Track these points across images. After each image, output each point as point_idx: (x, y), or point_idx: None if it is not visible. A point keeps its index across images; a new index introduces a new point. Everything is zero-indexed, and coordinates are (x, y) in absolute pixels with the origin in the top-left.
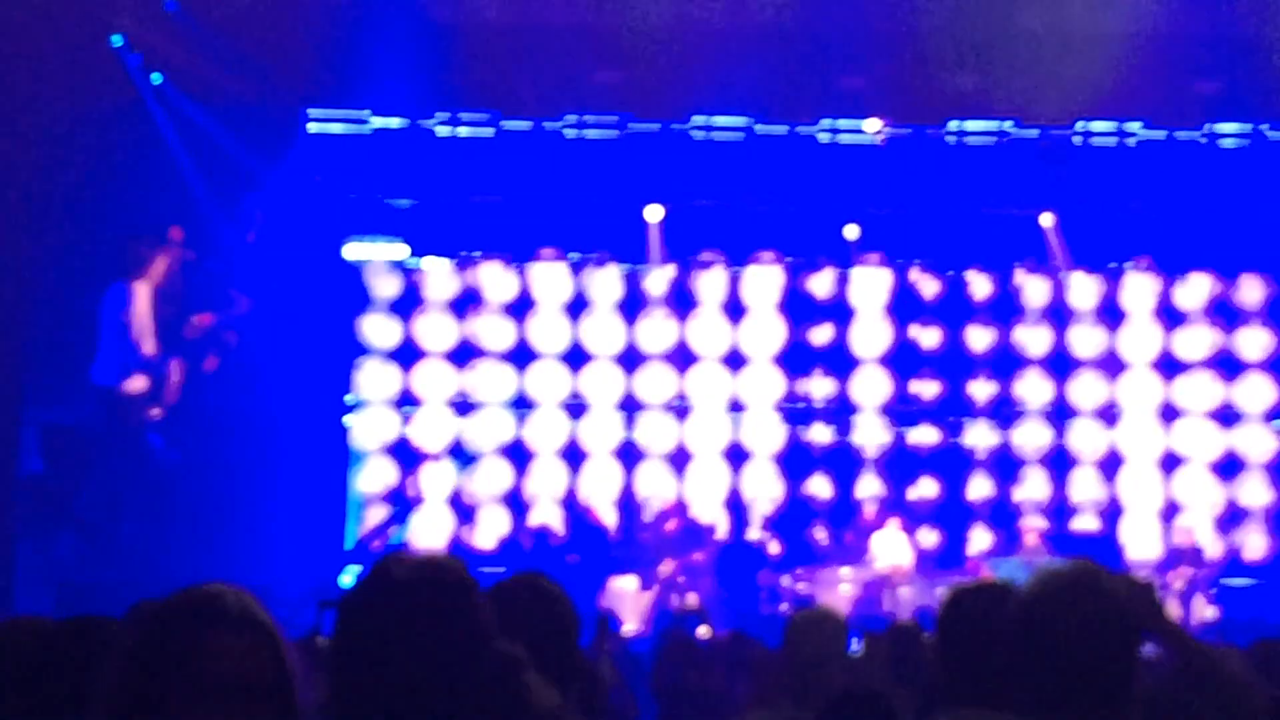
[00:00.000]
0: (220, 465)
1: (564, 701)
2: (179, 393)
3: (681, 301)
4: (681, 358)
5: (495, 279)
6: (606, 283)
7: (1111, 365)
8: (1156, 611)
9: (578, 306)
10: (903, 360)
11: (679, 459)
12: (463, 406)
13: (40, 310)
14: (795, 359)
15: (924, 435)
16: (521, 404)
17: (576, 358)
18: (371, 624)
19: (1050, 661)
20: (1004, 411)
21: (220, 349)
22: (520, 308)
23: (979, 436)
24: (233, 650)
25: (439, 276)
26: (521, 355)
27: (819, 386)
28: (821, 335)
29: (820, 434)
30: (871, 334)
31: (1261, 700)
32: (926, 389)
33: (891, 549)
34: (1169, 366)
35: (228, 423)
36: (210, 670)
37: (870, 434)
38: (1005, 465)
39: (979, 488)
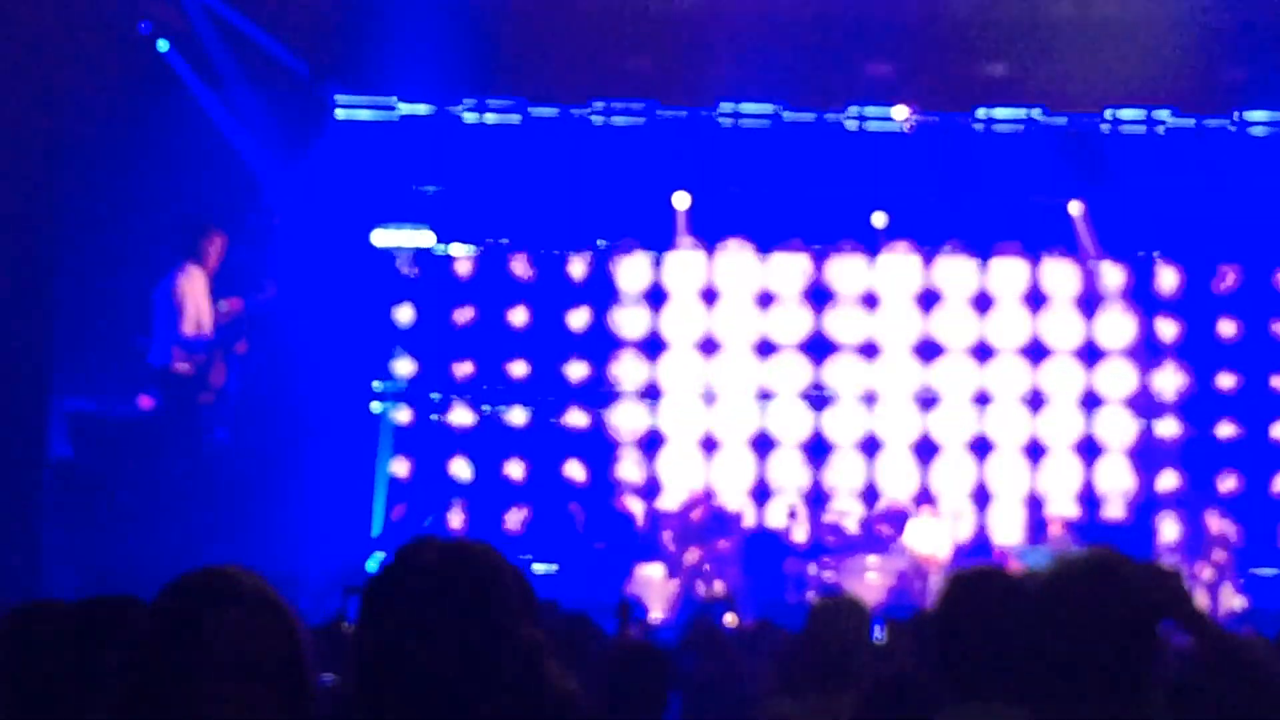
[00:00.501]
0: (249, 451)
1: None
2: (224, 377)
3: (709, 288)
4: (708, 345)
5: (522, 267)
6: (633, 270)
7: (1139, 354)
8: (1181, 599)
9: (604, 294)
10: (930, 348)
11: (706, 446)
12: (492, 394)
13: (68, 296)
14: (821, 346)
15: (950, 422)
16: (548, 391)
17: (604, 345)
18: (396, 609)
19: (1065, 650)
20: (1032, 399)
21: (249, 334)
22: (547, 295)
23: (1006, 424)
24: (245, 630)
25: (466, 263)
26: (550, 342)
27: (845, 374)
28: (848, 324)
29: (848, 421)
30: (899, 321)
31: None
32: (953, 376)
33: (925, 537)
34: (1199, 356)
35: (257, 408)
36: (222, 649)
37: (897, 422)
38: (1032, 453)
39: (1007, 476)
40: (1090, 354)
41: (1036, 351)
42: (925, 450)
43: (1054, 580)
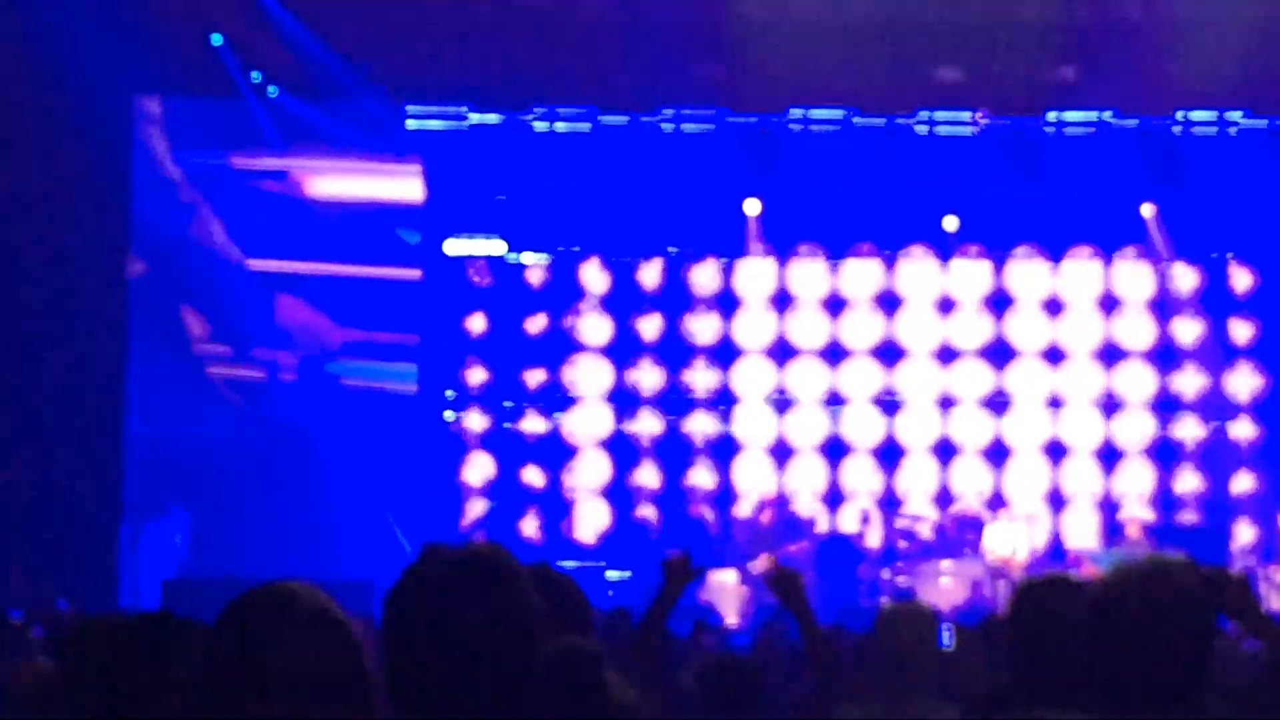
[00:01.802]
0: (326, 459)
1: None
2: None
3: (780, 295)
4: (780, 351)
5: (594, 275)
6: (705, 276)
7: (1211, 356)
8: (1246, 603)
9: (676, 301)
10: (1002, 352)
11: (779, 452)
12: (564, 401)
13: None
14: (892, 352)
15: (1023, 426)
16: (620, 398)
17: (676, 352)
18: (410, 616)
19: (1122, 656)
20: (1105, 403)
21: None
22: (620, 302)
23: (1080, 428)
24: (307, 646)
25: (538, 271)
26: (622, 350)
27: (914, 379)
28: (921, 328)
29: (921, 426)
30: (971, 326)
31: None
32: (1027, 380)
33: (1003, 542)
34: (1271, 357)
35: (335, 416)
36: (284, 666)
37: (971, 426)
38: (1106, 457)
39: (1081, 480)
40: (1164, 357)
41: (1110, 354)
42: (998, 454)
43: (1111, 587)
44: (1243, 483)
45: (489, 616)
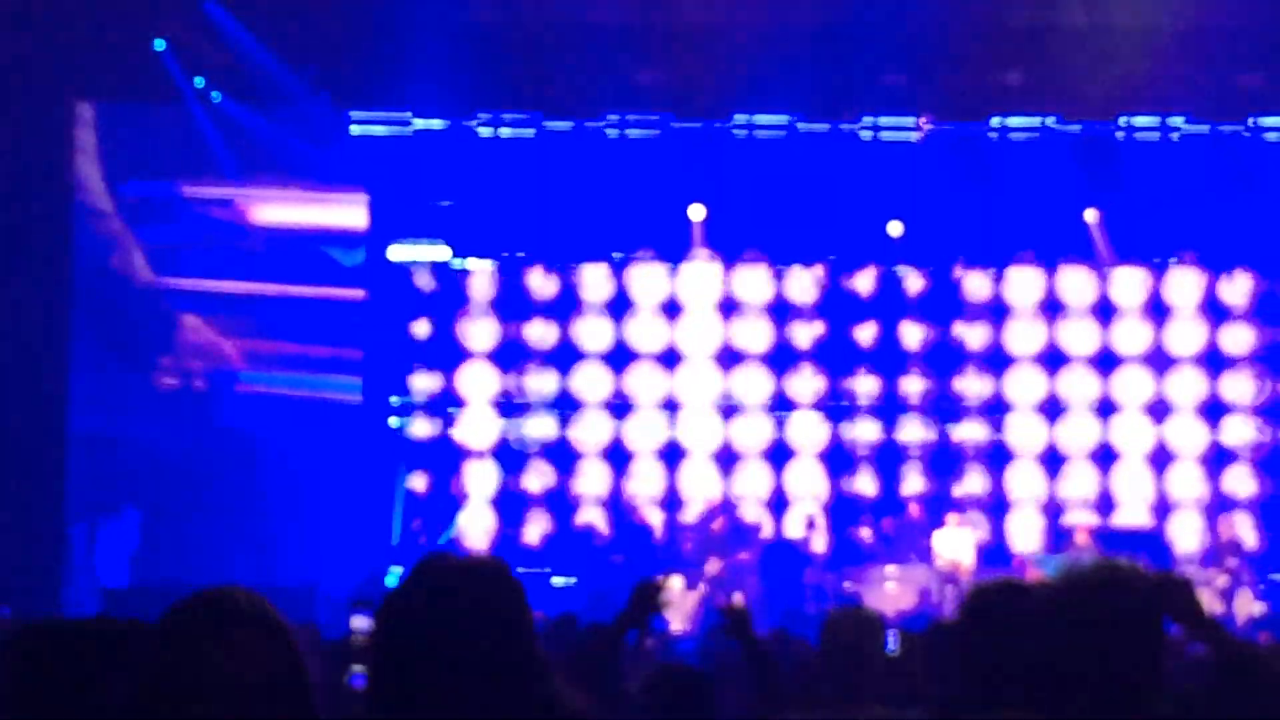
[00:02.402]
0: (267, 464)
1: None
2: None
3: (726, 300)
4: (725, 357)
5: (538, 280)
6: (649, 282)
7: (1157, 361)
8: (1191, 607)
9: (620, 306)
10: (946, 357)
11: (723, 458)
12: (507, 407)
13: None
14: (839, 357)
15: (968, 432)
16: (565, 404)
17: (620, 357)
18: (411, 625)
19: (1072, 659)
20: (1050, 407)
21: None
22: (563, 308)
23: (1023, 433)
24: (245, 650)
25: (482, 277)
26: (565, 356)
27: (863, 385)
28: (865, 334)
29: (865, 432)
30: (915, 331)
31: None
32: (971, 386)
33: (952, 546)
34: (1214, 362)
35: (275, 421)
36: (224, 670)
37: (914, 431)
38: (1051, 461)
39: (1024, 484)
40: (1107, 361)
41: (1054, 359)
42: (945, 460)
43: (1061, 590)
44: (1187, 486)
45: (488, 627)
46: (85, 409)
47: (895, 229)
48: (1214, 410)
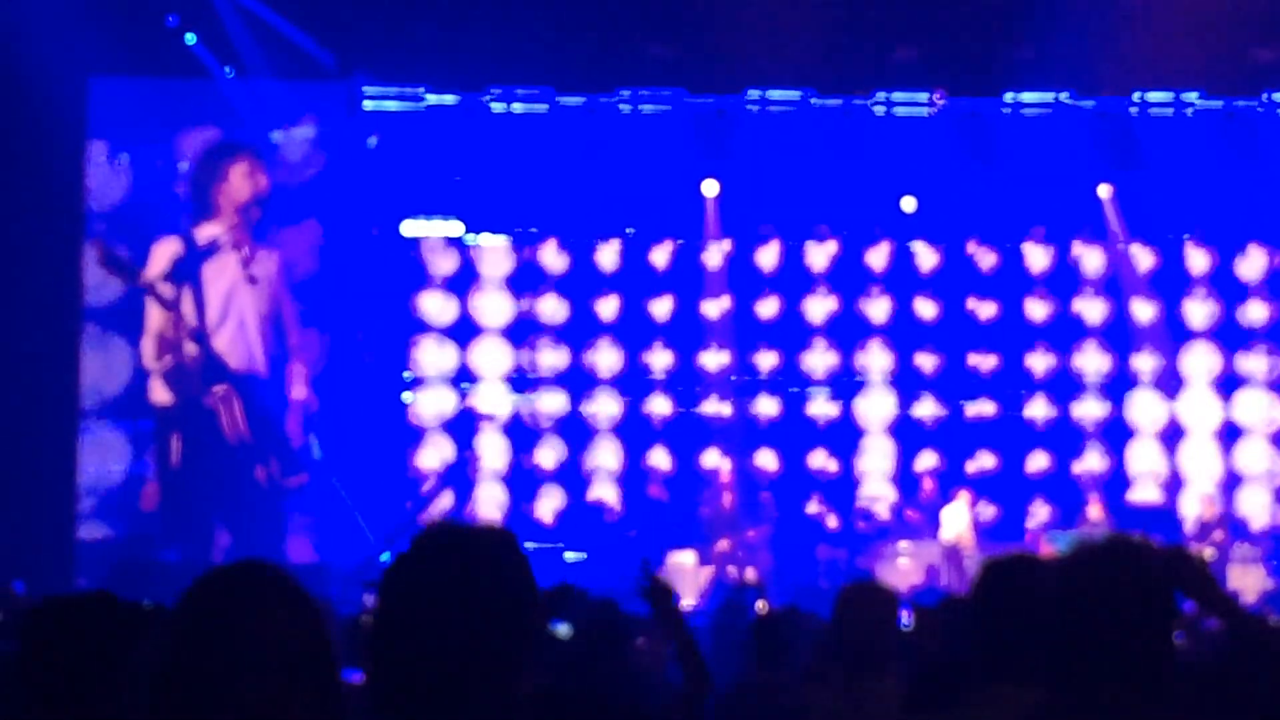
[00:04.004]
0: (279, 441)
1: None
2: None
3: (739, 276)
4: (741, 331)
5: (551, 256)
6: (663, 257)
7: (1171, 336)
8: (1203, 582)
9: (634, 281)
10: (960, 332)
11: (738, 434)
12: (519, 382)
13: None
14: (851, 332)
15: (983, 408)
16: (578, 379)
17: (635, 333)
18: (411, 597)
19: (1082, 634)
20: (1063, 384)
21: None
22: (576, 283)
23: (1037, 409)
24: (272, 623)
25: (495, 253)
26: (580, 331)
27: (875, 360)
28: (878, 307)
29: (879, 407)
30: (929, 306)
31: None
32: (984, 362)
33: (958, 522)
34: (1228, 338)
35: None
36: (249, 643)
37: (928, 408)
38: (1065, 438)
39: (1039, 461)
40: (1120, 337)
41: (1067, 335)
42: (958, 436)
43: (1071, 565)
44: (1200, 462)
45: (491, 596)
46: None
47: (909, 205)
48: (1228, 386)
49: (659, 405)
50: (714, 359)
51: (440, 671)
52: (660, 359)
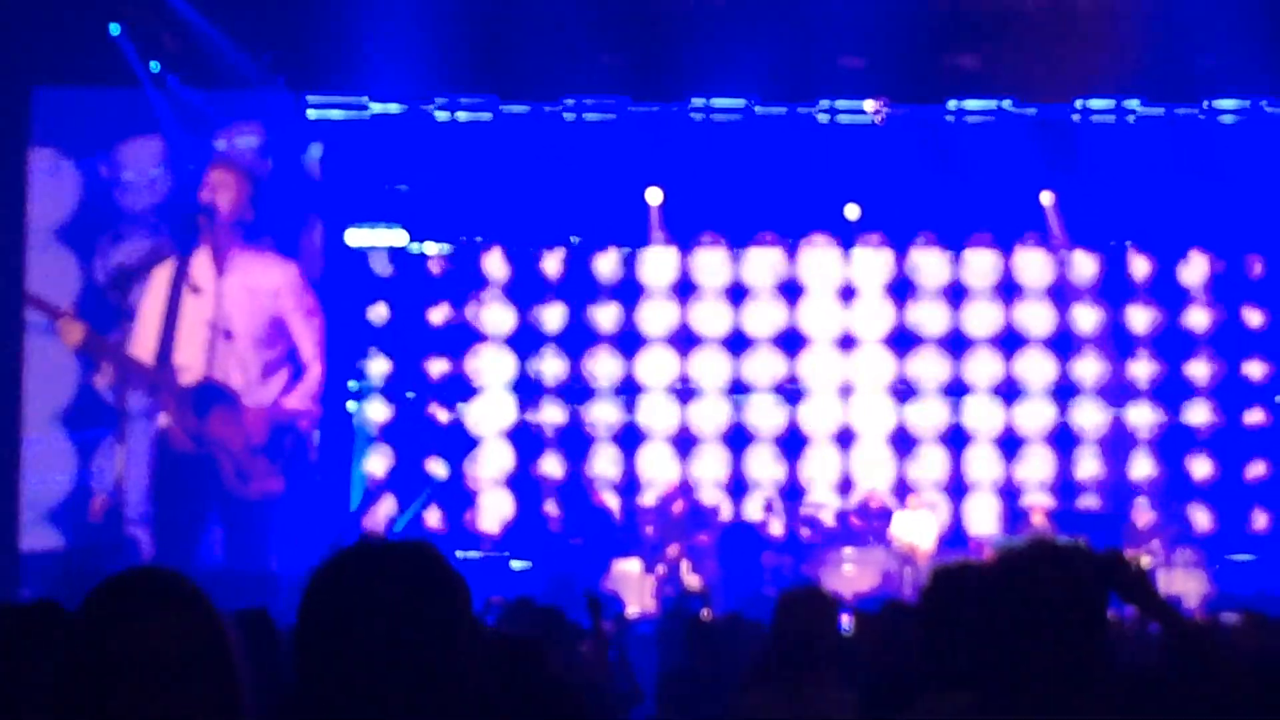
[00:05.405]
0: (232, 452)
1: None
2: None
3: (682, 284)
4: (683, 340)
5: (496, 264)
6: (608, 266)
7: (1114, 343)
8: (1140, 587)
9: (578, 290)
10: (904, 339)
11: (682, 441)
12: (466, 391)
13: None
14: (795, 340)
15: (926, 414)
16: (524, 388)
17: (578, 341)
18: (329, 610)
19: (1007, 637)
20: (1007, 390)
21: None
22: (522, 292)
23: (981, 415)
24: (173, 631)
25: (440, 261)
26: (524, 339)
27: (816, 367)
28: (823, 317)
29: (823, 414)
30: (873, 314)
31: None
32: (928, 368)
33: (911, 529)
34: (1170, 345)
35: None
36: (150, 651)
37: (873, 413)
38: (1009, 443)
39: (983, 466)
40: (1063, 344)
41: (1010, 342)
42: (901, 442)
43: (996, 570)
44: (1143, 468)
45: (415, 612)
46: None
47: (852, 212)
48: (1169, 392)
49: (604, 413)
50: (657, 366)
51: (364, 683)
52: (606, 367)
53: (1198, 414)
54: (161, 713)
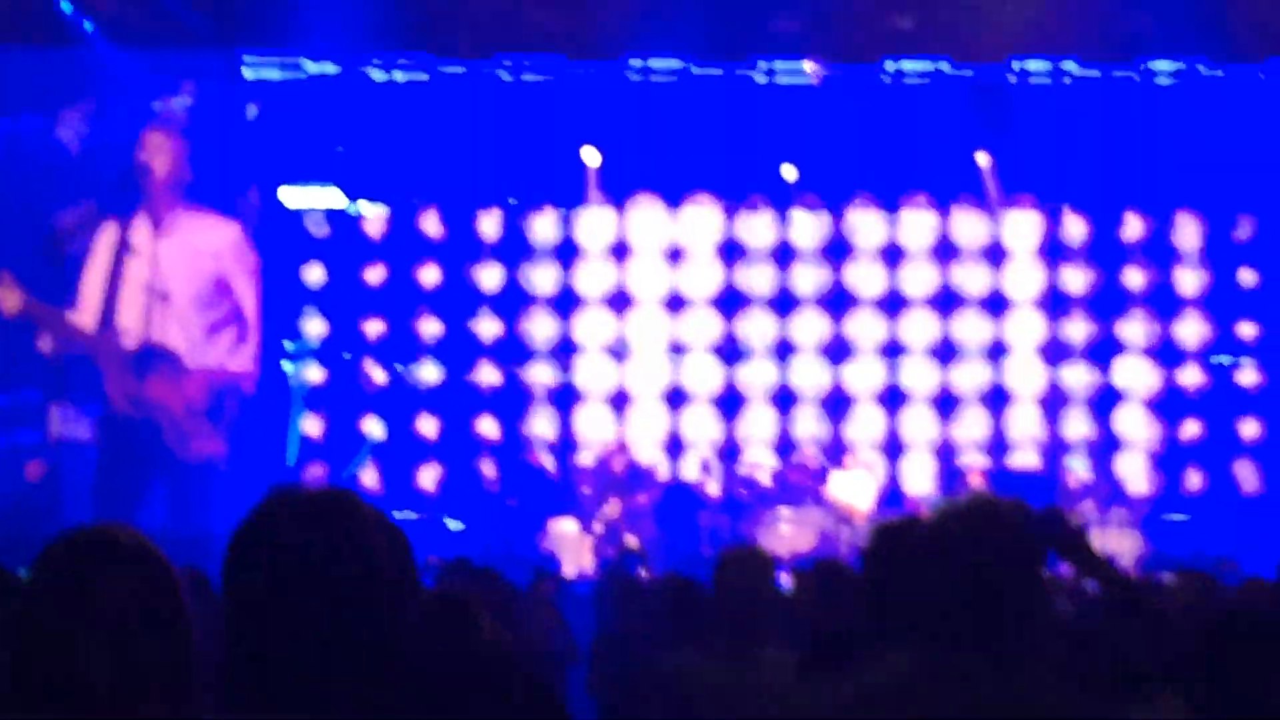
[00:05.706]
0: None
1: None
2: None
3: (619, 245)
4: (620, 300)
5: (432, 225)
6: (544, 226)
7: (1050, 303)
8: (1076, 545)
9: (515, 250)
10: (840, 300)
11: (618, 401)
12: (402, 352)
13: None
14: (733, 300)
15: (862, 374)
16: (460, 348)
17: (515, 302)
18: (256, 564)
19: (947, 595)
20: (943, 350)
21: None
22: (458, 252)
23: (917, 375)
24: (125, 587)
25: (376, 222)
26: (461, 299)
27: (753, 328)
28: (760, 277)
29: (760, 374)
30: (809, 274)
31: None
32: (864, 329)
33: (850, 489)
34: (1106, 305)
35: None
36: (103, 607)
37: (809, 374)
38: (945, 403)
39: (920, 426)
40: (998, 304)
41: (946, 302)
42: (838, 403)
43: (934, 528)
44: (1078, 427)
45: (336, 560)
46: None
47: (790, 173)
48: (1104, 352)
49: (540, 374)
50: (595, 327)
51: (292, 636)
52: (543, 327)
53: (1133, 374)
54: (119, 667)
